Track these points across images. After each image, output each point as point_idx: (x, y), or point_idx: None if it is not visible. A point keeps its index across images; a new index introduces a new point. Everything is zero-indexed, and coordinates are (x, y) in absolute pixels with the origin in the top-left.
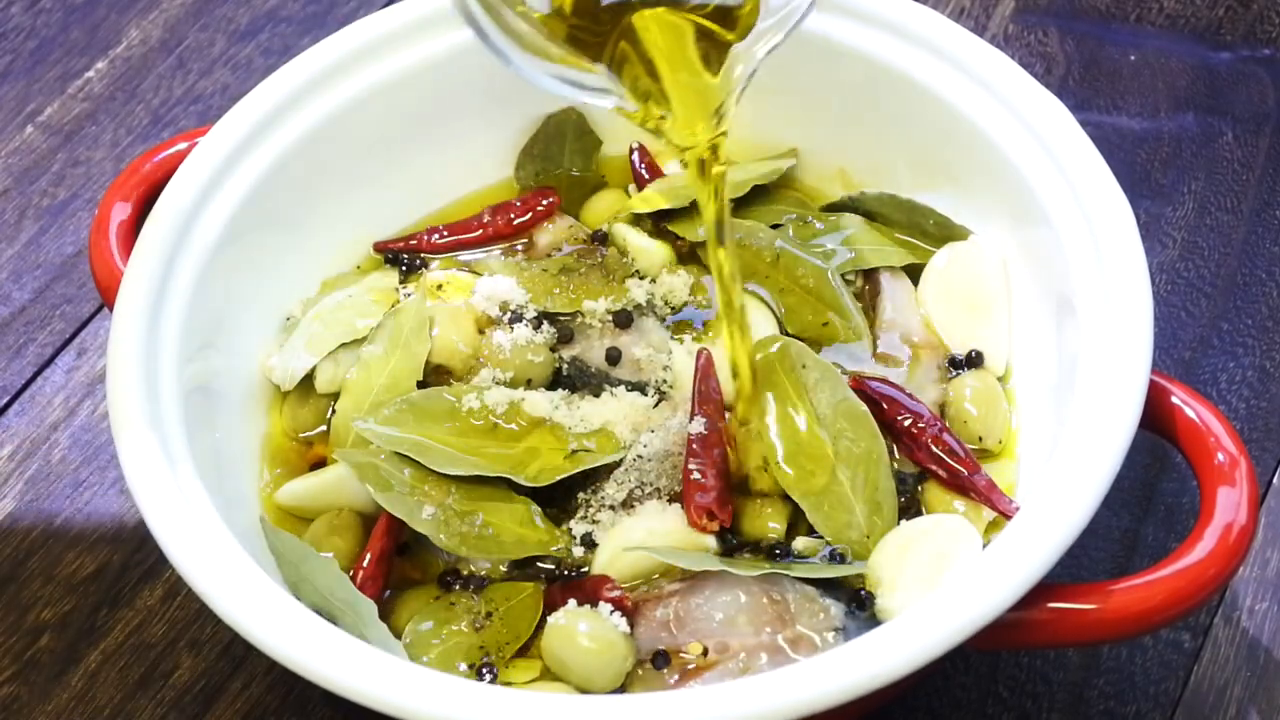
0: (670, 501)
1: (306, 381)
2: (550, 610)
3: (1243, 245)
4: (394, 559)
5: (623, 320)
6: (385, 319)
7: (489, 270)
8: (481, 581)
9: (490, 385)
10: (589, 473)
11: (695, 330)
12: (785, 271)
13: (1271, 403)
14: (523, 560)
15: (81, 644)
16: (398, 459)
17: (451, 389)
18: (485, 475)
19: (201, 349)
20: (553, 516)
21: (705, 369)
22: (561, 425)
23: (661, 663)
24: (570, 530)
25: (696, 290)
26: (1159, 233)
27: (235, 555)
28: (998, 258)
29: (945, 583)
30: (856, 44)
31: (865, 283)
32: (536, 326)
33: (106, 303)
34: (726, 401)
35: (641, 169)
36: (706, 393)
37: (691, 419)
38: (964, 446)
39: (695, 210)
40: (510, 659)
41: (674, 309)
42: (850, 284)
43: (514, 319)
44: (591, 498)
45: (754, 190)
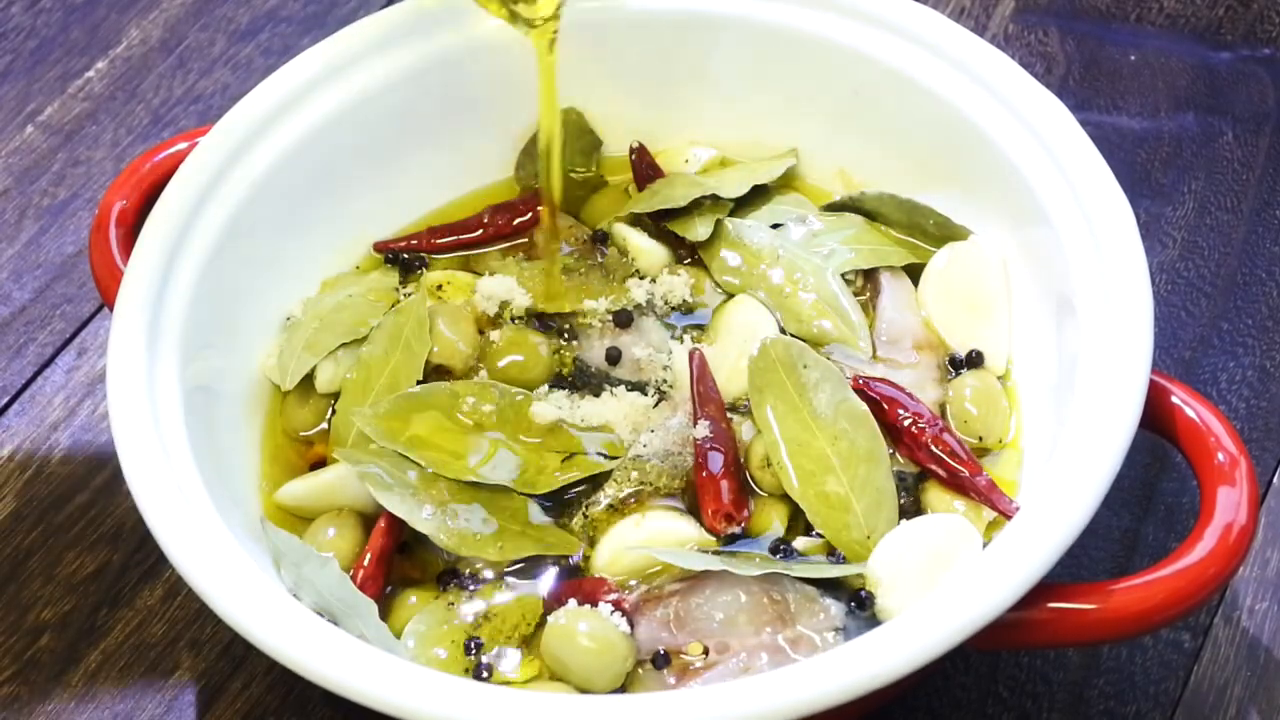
0: (670, 501)
1: (306, 381)
2: (550, 610)
3: (1243, 245)
4: (394, 559)
5: (623, 320)
6: (385, 319)
7: (489, 270)
8: (481, 581)
9: (490, 385)
10: None
11: (695, 331)
12: (785, 271)
13: (1271, 402)
14: (523, 560)
15: (81, 644)
16: (398, 459)
17: (452, 386)
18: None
19: (202, 349)
20: (552, 515)
21: (700, 369)
22: (564, 430)
23: (661, 663)
24: (570, 530)
25: (696, 290)
26: (1159, 232)
27: (235, 555)
28: (998, 258)
29: (945, 583)
30: (856, 44)
31: (865, 283)
32: (536, 327)
33: (106, 302)
34: (727, 401)
35: (642, 169)
36: (706, 393)
37: (695, 423)
38: (964, 447)
39: (695, 210)
40: (510, 659)
41: (674, 309)
42: (850, 284)
43: (514, 319)
44: (591, 497)
45: (754, 190)
